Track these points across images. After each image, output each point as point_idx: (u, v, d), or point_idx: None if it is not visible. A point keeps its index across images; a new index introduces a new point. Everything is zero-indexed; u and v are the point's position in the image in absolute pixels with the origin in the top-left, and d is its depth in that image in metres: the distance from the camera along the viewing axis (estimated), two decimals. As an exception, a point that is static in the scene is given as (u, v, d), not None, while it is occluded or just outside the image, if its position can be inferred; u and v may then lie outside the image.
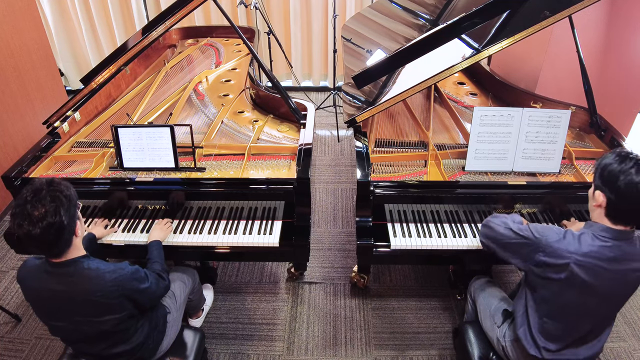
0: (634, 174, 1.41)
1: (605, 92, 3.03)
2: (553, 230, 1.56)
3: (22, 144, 3.35)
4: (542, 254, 1.53)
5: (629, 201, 1.43)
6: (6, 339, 2.47)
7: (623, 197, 1.43)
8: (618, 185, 1.42)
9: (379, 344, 2.43)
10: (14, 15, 3.24)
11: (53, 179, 1.48)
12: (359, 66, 2.75)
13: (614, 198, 1.45)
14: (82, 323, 1.57)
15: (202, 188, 2.13)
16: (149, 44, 2.48)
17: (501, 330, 1.78)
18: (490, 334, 1.86)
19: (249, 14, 4.53)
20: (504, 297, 1.94)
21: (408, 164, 2.34)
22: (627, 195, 1.42)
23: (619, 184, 1.42)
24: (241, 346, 2.42)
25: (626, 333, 2.48)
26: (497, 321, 1.82)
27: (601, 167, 1.49)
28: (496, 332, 1.80)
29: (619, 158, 1.46)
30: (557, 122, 2.12)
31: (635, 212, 1.46)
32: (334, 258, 2.94)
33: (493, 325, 1.84)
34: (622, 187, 1.42)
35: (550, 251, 1.52)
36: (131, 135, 2.18)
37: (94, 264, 1.55)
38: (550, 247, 1.52)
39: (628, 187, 1.41)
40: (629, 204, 1.44)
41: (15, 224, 1.40)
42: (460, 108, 2.75)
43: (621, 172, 1.42)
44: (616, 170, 1.44)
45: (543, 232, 1.56)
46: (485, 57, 2.18)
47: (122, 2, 4.59)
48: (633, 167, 1.42)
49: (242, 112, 2.74)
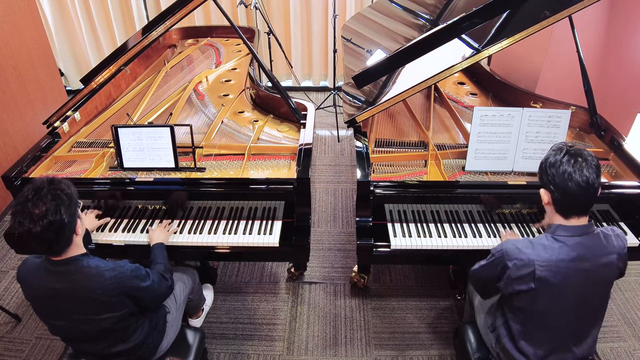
0: (565, 163, 1.41)
1: (605, 92, 3.03)
2: (510, 242, 1.54)
3: (22, 144, 3.35)
4: (508, 269, 1.51)
5: (567, 192, 1.42)
6: (6, 339, 2.47)
7: (563, 188, 1.42)
8: (557, 177, 1.42)
9: (379, 344, 2.43)
10: (14, 15, 3.24)
11: (54, 178, 1.49)
12: (359, 66, 2.75)
13: (555, 191, 1.44)
14: (81, 321, 1.57)
15: (202, 188, 2.13)
16: (149, 44, 2.48)
17: (494, 335, 1.77)
18: (485, 338, 1.85)
19: (249, 14, 4.53)
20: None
21: (408, 164, 2.34)
22: (564, 185, 1.41)
23: (555, 176, 1.42)
24: (241, 346, 2.42)
25: (626, 333, 2.48)
26: (491, 326, 1.80)
27: (541, 164, 1.50)
28: (490, 337, 1.80)
29: (554, 151, 1.46)
30: (557, 122, 2.12)
31: (577, 202, 1.45)
32: (334, 258, 2.94)
33: (487, 330, 1.83)
34: (558, 179, 1.42)
35: (512, 264, 1.50)
36: (131, 135, 2.18)
37: (94, 262, 1.56)
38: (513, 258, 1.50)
39: (563, 177, 1.41)
40: (568, 195, 1.43)
41: (16, 221, 1.40)
42: (460, 108, 2.75)
43: (557, 163, 1.43)
44: (554, 163, 1.44)
45: (501, 249, 1.55)
46: (485, 57, 2.18)
47: (122, 2, 4.59)
48: (565, 155, 1.42)
49: (242, 112, 2.74)
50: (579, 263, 1.46)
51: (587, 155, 1.43)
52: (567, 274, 1.46)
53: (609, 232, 1.52)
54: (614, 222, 2.14)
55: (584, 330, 1.58)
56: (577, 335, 1.57)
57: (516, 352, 1.62)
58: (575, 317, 1.54)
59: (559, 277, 1.46)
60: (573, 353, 1.58)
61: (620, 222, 2.14)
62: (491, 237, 2.08)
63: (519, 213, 2.13)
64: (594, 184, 1.41)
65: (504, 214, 2.14)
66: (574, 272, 1.46)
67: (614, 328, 2.50)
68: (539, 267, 1.46)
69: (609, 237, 1.51)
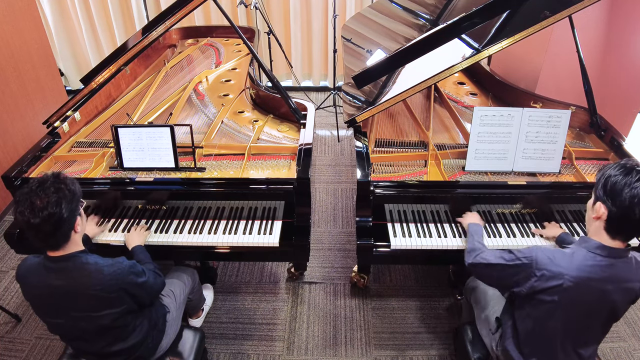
0: (638, 187, 1.37)
1: (605, 92, 3.03)
2: (542, 251, 1.52)
3: (22, 144, 3.35)
4: (535, 278, 1.49)
5: (631, 215, 1.38)
6: (6, 339, 2.47)
7: (626, 211, 1.38)
8: (622, 198, 1.38)
9: (379, 344, 2.43)
10: (14, 15, 3.24)
11: (60, 173, 1.52)
12: (359, 66, 2.75)
13: (617, 211, 1.40)
14: (80, 319, 1.58)
15: (202, 188, 2.13)
16: (149, 44, 2.48)
17: (494, 337, 1.76)
18: (485, 339, 1.85)
19: (249, 14, 4.53)
20: (499, 298, 1.91)
21: (408, 164, 2.34)
22: (631, 208, 1.37)
23: (623, 196, 1.38)
24: (241, 346, 2.42)
25: (626, 333, 2.48)
26: (492, 327, 1.80)
27: (605, 178, 1.44)
28: (490, 338, 1.79)
29: (624, 170, 1.42)
30: (557, 122, 2.12)
31: (634, 227, 1.42)
32: (334, 258, 2.94)
33: (488, 331, 1.82)
34: (626, 200, 1.38)
35: (541, 274, 1.48)
36: (131, 135, 2.18)
37: (92, 258, 1.57)
38: (542, 269, 1.47)
39: (632, 201, 1.37)
40: (631, 218, 1.39)
41: (17, 211, 1.44)
42: (460, 108, 2.75)
43: (626, 184, 1.38)
44: (621, 183, 1.39)
45: (531, 255, 1.52)
46: (485, 57, 2.18)
47: (122, 2, 4.59)
48: (638, 180, 1.38)
49: (242, 112, 2.74)
50: (604, 284, 1.45)
51: None
52: (588, 291, 1.45)
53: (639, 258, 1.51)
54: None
55: (588, 342, 1.57)
56: (578, 348, 1.56)
57: (518, 355, 1.62)
58: (582, 332, 1.54)
59: (580, 293, 1.45)
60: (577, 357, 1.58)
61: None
62: (491, 237, 2.08)
63: (519, 213, 2.13)
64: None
65: (504, 214, 2.14)
66: (596, 291, 1.46)
67: (614, 328, 2.49)
68: (567, 282, 1.44)
69: (638, 264, 1.49)
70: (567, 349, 1.56)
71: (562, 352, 1.56)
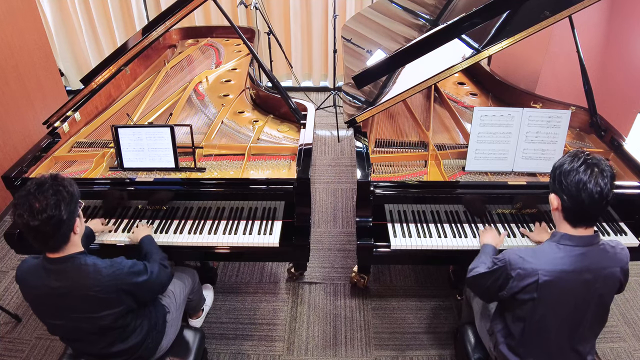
0: (582, 172, 1.38)
1: (605, 92, 3.03)
2: (513, 252, 1.52)
3: (22, 144, 3.35)
4: (512, 279, 1.49)
5: (580, 201, 1.39)
6: (6, 339, 2.47)
7: (575, 197, 1.39)
8: (570, 186, 1.39)
9: (379, 344, 2.43)
10: (14, 15, 3.24)
11: (58, 174, 1.51)
12: (359, 66, 2.75)
13: (567, 199, 1.41)
14: (80, 320, 1.58)
15: (202, 188, 2.13)
16: (149, 44, 2.48)
17: (492, 339, 1.76)
18: (484, 340, 1.85)
19: (249, 14, 4.53)
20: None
21: (408, 164, 2.34)
22: (577, 194, 1.38)
23: (570, 183, 1.39)
24: (241, 346, 2.42)
25: (626, 333, 2.48)
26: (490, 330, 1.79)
27: (554, 169, 1.46)
28: (488, 340, 1.79)
29: (570, 157, 1.43)
30: (557, 122, 2.12)
31: (588, 212, 1.42)
32: (334, 258, 2.94)
33: (485, 333, 1.82)
34: (572, 187, 1.39)
35: (516, 274, 1.48)
36: (131, 135, 2.18)
37: (91, 259, 1.57)
38: (516, 268, 1.48)
39: (577, 186, 1.38)
40: (580, 204, 1.39)
41: (16, 214, 1.42)
42: (460, 108, 2.75)
43: (572, 170, 1.40)
44: (566, 170, 1.41)
45: (504, 258, 1.53)
46: (485, 57, 2.18)
47: (122, 2, 4.59)
48: (582, 164, 1.39)
49: (242, 112, 2.74)
50: (581, 274, 1.44)
51: (604, 166, 1.40)
52: (569, 284, 1.45)
53: (613, 245, 1.51)
54: (614, 222, 2.14)
55: (581, 340, 1.56)
56: (575, 345, 1.56)
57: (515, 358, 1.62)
58: (575, 327, 1.53)
59: (560, 287, 1.45)
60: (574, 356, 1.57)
61: (620, 223, 2.14)
62: (491, 237, 2.08)
63: (519, 213, 2.13)
64: (607, 196, 1.38)
65: (504, 214, 2.14)
66: (576, 283, 1.45)
67: (614, 328, 2.50)
68: (542, 277, 1.44)
69: (614, 250, 1.49)
70: (564, 347, 1.56)
71: (558, 350, 1.56)
